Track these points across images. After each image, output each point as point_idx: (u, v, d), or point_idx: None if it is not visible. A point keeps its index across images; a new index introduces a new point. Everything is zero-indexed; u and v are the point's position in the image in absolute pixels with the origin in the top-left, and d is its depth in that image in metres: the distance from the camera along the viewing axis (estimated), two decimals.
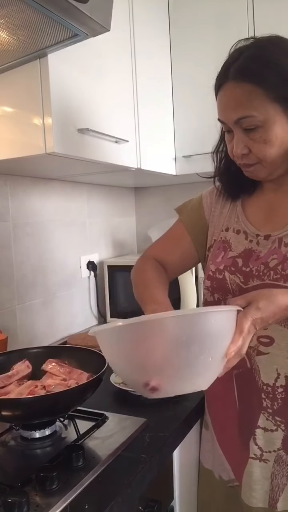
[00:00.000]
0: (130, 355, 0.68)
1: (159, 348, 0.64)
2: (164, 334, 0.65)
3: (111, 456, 0.82)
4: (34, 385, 0.92)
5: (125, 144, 1.36)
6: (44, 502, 0.69)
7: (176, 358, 0.65)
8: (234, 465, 0.93)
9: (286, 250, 0.84)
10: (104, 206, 1.98)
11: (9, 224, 1.43)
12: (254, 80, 0.76)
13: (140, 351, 0.66)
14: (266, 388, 0.86)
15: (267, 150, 0.80)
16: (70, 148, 1.12)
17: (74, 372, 0.99)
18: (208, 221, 1.01)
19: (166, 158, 1.69)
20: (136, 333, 0.66)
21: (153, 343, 0.64)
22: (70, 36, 0.93)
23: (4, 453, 0.86)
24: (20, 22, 0.84)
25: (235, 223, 0.94)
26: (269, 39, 0.81)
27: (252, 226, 0.92)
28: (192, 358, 0.64)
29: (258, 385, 0.87)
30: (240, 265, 0.89)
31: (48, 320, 1.61)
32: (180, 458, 1.00)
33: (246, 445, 0.89)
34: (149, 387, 0.65)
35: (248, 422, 0.89)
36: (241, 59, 0.78)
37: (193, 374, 0.66)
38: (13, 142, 1.10)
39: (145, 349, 0.65)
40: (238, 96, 0.78)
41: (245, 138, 0.81)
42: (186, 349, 0.64)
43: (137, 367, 0.68)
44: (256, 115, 0.77)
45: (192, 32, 1.68)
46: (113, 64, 1.34)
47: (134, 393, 1.09)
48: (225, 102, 0.82)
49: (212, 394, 0.98)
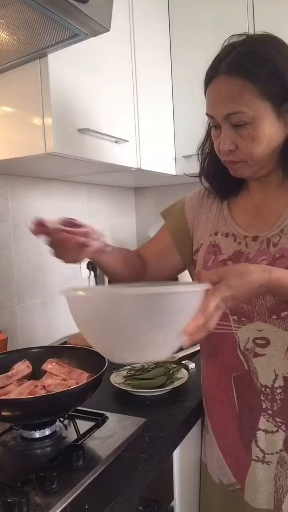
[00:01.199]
0: (93, 322, 0.70)
1: (116, 320, 0.65)
2: (123, 309, 0.65)
3: (111, 456, 0.82)
4: (34, 385, 0.91)
5: (125, 144, 1.36)
6: (44, 502, 0.69)
7: (130, 332, 0.66)
8: (236, 469, 0.92)
9: (275, 251, 0.84)
10: (104, 206, 1.98)
11: (9, 224, 1.43)
12: (246, 76, 0.76)
13: (98, 320, 0.68)
14: (265, 389, 0.86)
15: (254, 147, 0.80)
16: (70, 148, 1.12)
17: (74, 372, 0.99)
18: (193, 225, 1.01)
19: (166, 158, 1.69)
20: (98, 304, 0.68)
21: (112, 315, 0.65)
22: (70, 36, 0.93)
23: (4, 453, 0.86)
24: (20, 22, 0.84)
25: (223, 226, 0.94)
26: (262, 36, 0.81)
27: (239, 228, 0.91)
28: (144, 333, 0.65)
29: (257, 387, 0.87)
30: None
31: (48, 320, 1.61)
32: (180, 458, 1.00)
33: (248, 447, 0.89)
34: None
35: (248, 425, 0.89)
36: (234, 53, 0.78)
37: (144, 348, 0.68)
38: (13, 142, 1.10)
39: (103, 320, 0.67)
40: (229, 91, 0.78)
41: (233, 134, 0.80)
42: (141, 324, 0.65)
43: (98, 334, 0.70)
44: (246, 111, 0.77)
45: (192, 32, 1.68)
46: (113, 64, 1.33)
47: (134, 393, 1.09)
48: (215, 96, 0.81)
49: (210, 398, 0.98)
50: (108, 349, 0.72)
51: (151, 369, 1.16)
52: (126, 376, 1.16)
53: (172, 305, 0.65)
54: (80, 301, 0.71)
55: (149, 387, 1.09)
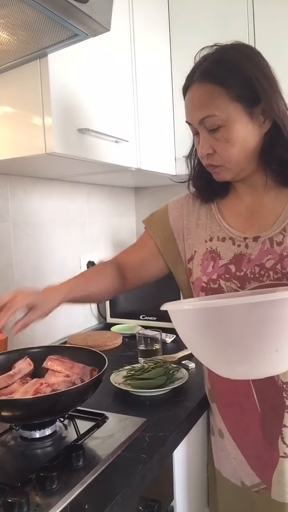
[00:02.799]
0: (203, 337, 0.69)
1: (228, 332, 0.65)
2: (232, 320, 0.65)
3: (111, 456, 0.82)
4: (39, 383, 0.90)
5: (125, 144, 1.36)
6: (44, 502, 0.69)
7: (244, 342, 0.65)
8: (260, 468, 0.91)
9: (280, 249, 0.85)
10: (104, 206, 1.98)
11: (9, 224, 1.43)
12: (216, 81, 0.81)
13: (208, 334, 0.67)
14: (286, 386, 0.86)
15: (230, 149, 0.83)
16: (70, 148, 1.12)
17: (76, 367, 0.98)
18: (180, 234, 1.01)
19: (166, 158, 1.69)
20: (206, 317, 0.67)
21: (223, 327, 0.65)
22: (70, 36, 0.94)
23: (4, 453, 0.86)
24: (20, 22, 0.85)
25: (218, 232, 0.94)
26: (233, 45, 0.85)
27: (236, 231, 0.92)
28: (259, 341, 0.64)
29: (278, 384, 0.86)
30: (234, 271, 0.89)
31: (48, 320, 1.59)
32: (180, 458, 1.00)
33: (275, 445, 0.88)
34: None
35: (272, 423, 0.88)
36: (206, 63, 0.83)
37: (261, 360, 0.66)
38: (13, 142, 1.10)
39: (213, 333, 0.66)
40: (202, 96, 0.83)
41: (210, 138, 0.85)
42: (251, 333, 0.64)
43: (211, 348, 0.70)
44: (217, 114, 0.81)
45: (192, 32, 1.68)
46: (113, 64, 1.34)
47: (134, 393, 1.09)
48: (189, 103, 0.86)
49: (225, 402, 0.96)
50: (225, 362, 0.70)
51: (151, 369, 1.16)
52: (126, 376, 1.16)
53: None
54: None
55: (149, 387, 1.09)
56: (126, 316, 1.78)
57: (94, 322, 1.89)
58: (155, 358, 1.28)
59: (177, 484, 0.99)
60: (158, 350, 1.34)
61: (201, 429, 1.10)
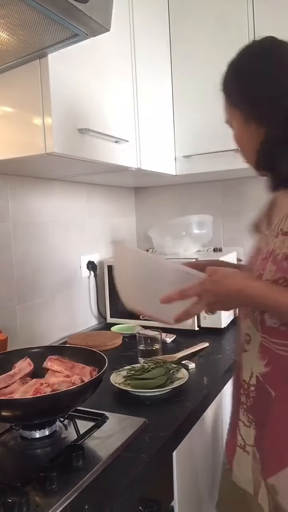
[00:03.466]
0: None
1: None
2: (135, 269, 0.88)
3: (111, 456, 0.82)
4: (39, 383, 0.91)
5: (125, 144, 1.36)
6: (44, 502, 0.69)
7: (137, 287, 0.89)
8: (228, 450, 0.96)
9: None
10: (104, 206, 1.98)
11: (9, 224, 1.43)
12: (224, 89, 0.93)
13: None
14: (244, 384, 0.89)
15: (238, 144, 0.94)
16: (70, 148, 1.12)
17: (76, 367, 0.98)
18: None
19: (166, 158, 1.69)
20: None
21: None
22: (70, 36, 0.94)
23: (4, 453, 0.86)
24: (20, 22, 0.84)
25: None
26: (249, 54, 0.90)
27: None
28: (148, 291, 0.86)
29: (240, 381, 0.91)
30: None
31: (48, 320, 1.61)
32: (180, 458, 1.00)
33: (235, 433, 0.93)
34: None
35: (234, 415, 0.94)
36: (224, 73, 0.93)
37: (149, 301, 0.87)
38: (14, 142, 1.10)
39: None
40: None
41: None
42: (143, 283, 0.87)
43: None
44: (226, 116, 0.94)
45: (192, 32, 1.68)
46: (113, 64, 1.34)
47: (134, 393, 1.09)
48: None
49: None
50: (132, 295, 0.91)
51: (151, 369, 1.16)
52: (126, 376, 1.16)
53: (168, 277, 0.84)
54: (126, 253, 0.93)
55: (149, 387, 1.09)
56: (126, 316, 1.78)
57: (94, 322, 1.89)
58: (155, 358, 1.28)
59: (177, 484, 0.99)
60: (158, 350, 1.34)
61: (201, 429, 1.10)
